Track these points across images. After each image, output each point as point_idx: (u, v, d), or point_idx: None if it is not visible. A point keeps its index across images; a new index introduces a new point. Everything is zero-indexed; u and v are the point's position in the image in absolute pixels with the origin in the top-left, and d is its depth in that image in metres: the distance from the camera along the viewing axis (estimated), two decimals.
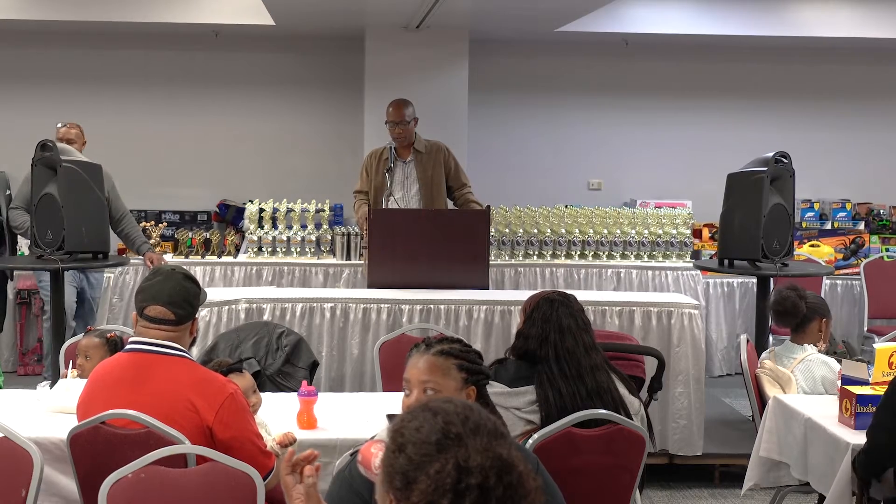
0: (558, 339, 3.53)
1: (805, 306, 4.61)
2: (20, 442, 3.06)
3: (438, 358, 2.80)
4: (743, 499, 5.02)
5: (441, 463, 1.66)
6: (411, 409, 1.80)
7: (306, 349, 4.78)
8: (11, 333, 7.49)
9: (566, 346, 3.53)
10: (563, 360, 3.51)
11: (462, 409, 1.76)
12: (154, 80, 8.76)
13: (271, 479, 3.15)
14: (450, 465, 1.66)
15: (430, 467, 1.66)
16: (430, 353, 2.81)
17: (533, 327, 3.59)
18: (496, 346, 5.31)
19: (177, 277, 3.29)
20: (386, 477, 1.73)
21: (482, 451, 1.68)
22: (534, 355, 3.56)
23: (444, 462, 1.66)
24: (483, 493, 1.63)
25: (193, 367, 3.22)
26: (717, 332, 7.67)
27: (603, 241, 7.11)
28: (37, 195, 5.40)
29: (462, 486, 1.64)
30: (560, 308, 3.60)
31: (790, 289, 4.73)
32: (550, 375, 3.50)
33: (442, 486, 1.64)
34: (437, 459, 1.67)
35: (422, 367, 2.79)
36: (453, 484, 1.64)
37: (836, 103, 9.18)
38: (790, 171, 5.82)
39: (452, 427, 1.71)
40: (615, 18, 8.24)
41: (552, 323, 3.56)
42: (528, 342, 3.59)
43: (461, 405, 1.78)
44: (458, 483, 1.64)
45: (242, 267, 6.89)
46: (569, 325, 3.57)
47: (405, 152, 6.38)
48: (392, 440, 1.75)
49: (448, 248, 5.71)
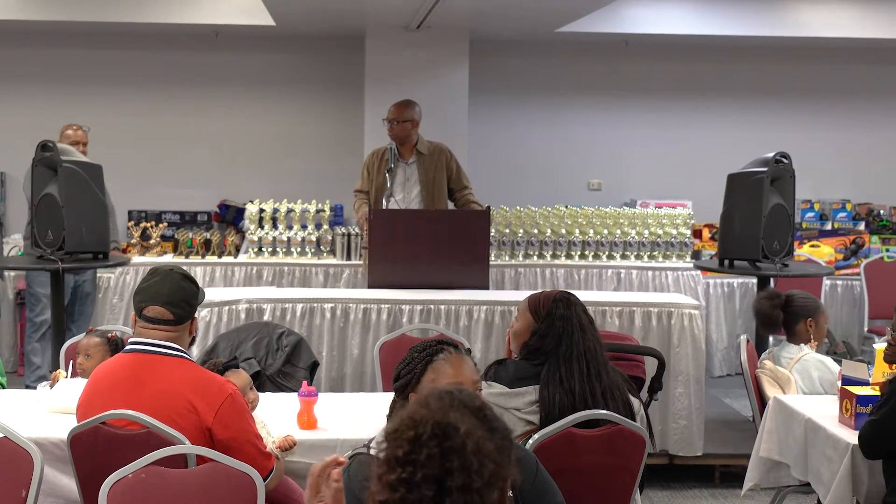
0: (581, 337, 3.53)
1: (782, 312, 4.63)
2: (20, 442, 3.06)
3: (469, 358, 2.92)
4: (743, 499, 5.02)
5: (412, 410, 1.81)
6: (415, 407, 1.87)
7: (306, 349, 4.78)
8: (11, 334, 7.49)
9: (588, 344, 3.52)
10: (583, 359, 3.50)
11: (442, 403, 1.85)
12: (154, 80, 8.76)
13: (271, 480, 3.14)
14: (416, 414, 1.78)
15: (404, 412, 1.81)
16: (463, 354, 2.91)
17: (551, 326, 3.56)
18: (496, 347, 5.31)
19: (175, 277, 3.28)
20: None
21: (438, 412, 1.78)
22: (545, 355, 3.54)
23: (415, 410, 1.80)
24: (413, 443, 1.73)
25: (192, 368, 3.22)
26: (718, 332, 7.67)
27: (603, 241, 7.11)
28: (37, 195, 5.40)
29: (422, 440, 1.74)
30: (577, 307, 3.60)
31: (765, 297, 4.76)
32: (566, 374, 3.47)
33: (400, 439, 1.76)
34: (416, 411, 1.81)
35: (471, 369, 2.88)
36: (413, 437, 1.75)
37: (837, 103, 9.18)
38: (790, 172, 5.83)
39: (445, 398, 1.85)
40: (615, 19, 8.24)
41: (574, 322, 3.55)
42: (544, 341, 3.56)
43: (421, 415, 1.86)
44: (417, 437, 1.75)
45: (243, 267, 6.89)
46: (587, 322, 3.57)
47: (407, 153, 6.36)
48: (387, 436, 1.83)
49: (448, 248, 5.70)
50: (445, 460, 1.71)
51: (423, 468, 1.71)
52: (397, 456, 1.73)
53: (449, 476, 1.71)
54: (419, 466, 1.71)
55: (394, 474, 1.73)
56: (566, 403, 3.42)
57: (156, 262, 6.90)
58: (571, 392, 3.45)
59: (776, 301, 4.66)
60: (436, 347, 2.89)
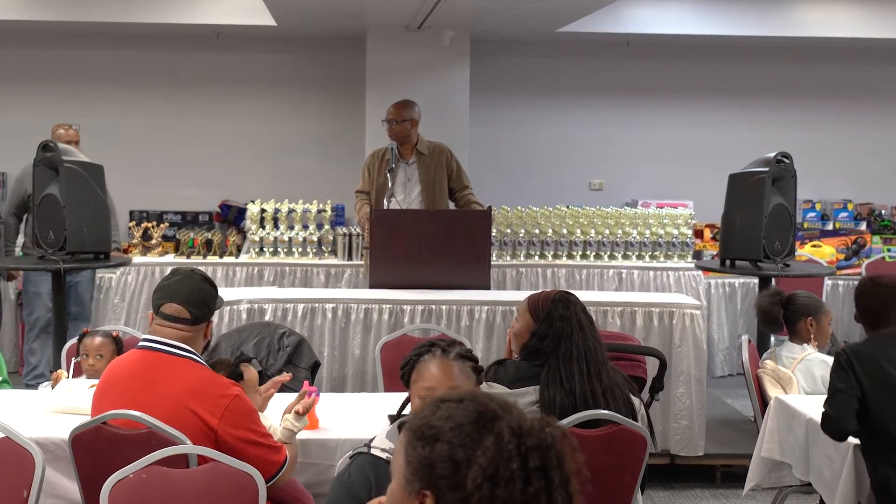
0: (580, 338, 3.52)
1: (783, 310, 4.63)
2: (22, 442, 3.06)
3: (458, 362, 2.80)
4: (744, 499, 5.02)
5: (494, 435, 1.67)
6: (425, 406, 1.78)
7: (308, 349, 4.78)
8: (13, 334, 7.49)
9: (588, 344, 3.51)
10: (583, 359, 3.49)
11: (480, 394, 1.77)
12: (155, 80, 8.76)
13: (284, 473, 3.15)
14: (505, 434, 1.67)
15: (482, 443, 1.67)
16: (449, 358, 2.81)
17: (550, 327, 3.55)
18: (498, 347, 5.31)
19: (195, 278, 3.30)
20: (419, 471, 1.70)
21: (525, 417, 1.70)
22: (545, 355, 3.53)
23: (498, 433, 1.67)
24: (543, 454, 1.66)
25: (201, 370, 3.21)
26: (719, 332, 7.67)
27: (604, 241, 7.10)
28: (38, 195, 5.40)
29: (524, 450, 1.65)
30: (576, 307, 3.59)
31: (767, 295, 4.76)
32: (567, 375, 3.46)
33: (506, 452, 1.65)
34: (485, 435, 1.67)
35: (448, 372, 2.77)
36: (517, 448, 1.65)
37: (838, 103, 9.18)
38: (792, 172, 5.82)
39: (486, 407, 1.72)
40: (616, 19, 8.24)
41: (573, 322, 3.54)
42: (543, 342, 3.55)
43: (475, 392, 1.79)
44: (520, 447, 1.65)
45: (244, 267, 6.89)
46: (586, 322, 3.56)
47: (407, 153, 6.35)
48: (417, 436, 1.72)
49: (449, 248, 5.70)
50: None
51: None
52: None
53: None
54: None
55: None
56: (567, 404, 3.42)
57: (157, 262, 6.90)
58: (572, 393, 3.44)
59: (777, 298, 4.67)
60: (424, 349, 2.88)
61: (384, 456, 2.63)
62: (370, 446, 2.69)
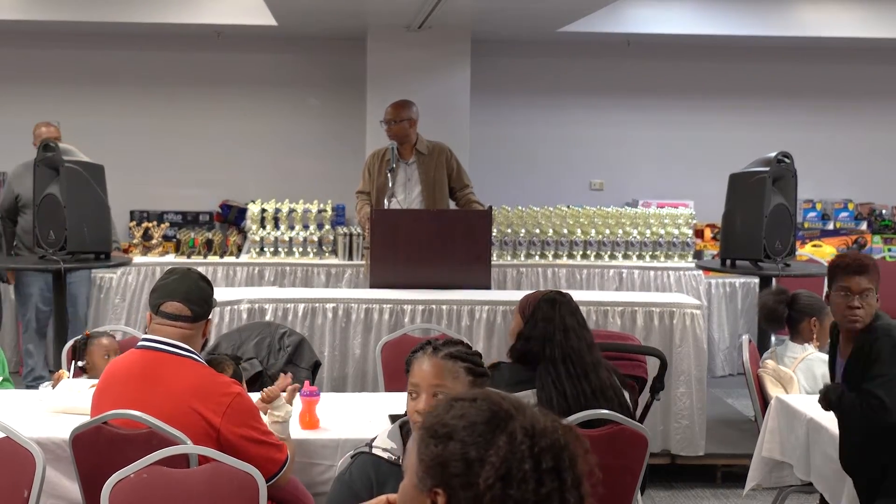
0: (563, 339, 3.52)
1: (787, 309, 4.63)
2: (22, 442, 3.06)
3: (447, 361, 2.74)
4: (745, 499, 5.01)
5: (507, 435, 1.66)
6: (439, 406, 1.77)
7: (308, 349, 4.78)
8: (13, 334, 7.49)
9: (571, 345, 3.51)
10: (568, 361, 3.49)
11: (493, 394, 1.77)
12: (156, 80, 8.77)
13: (286, 472, 3.16)
14: (518, 434, 1.66)
15: (495, 442, 1.66)
16: (438, 356, 2.75)
17: (535, 329, 3.56)
18: (498, 347, 5.31)
19: (193, 277, 3.31)
20: (431, 469, 1.69)
21: (539, 418, 1.69)
22: (535, 357, 3.54)
23: (511, 433, 1.66)
24: (556, 455, 1.65)
25: (201, 369, 3.22)
26: (720, 332, 7.66)
27: (605, 241, 7.10)
28: (39, 195, 5.40)
29: (537, 450, 1.65)
30: (562, 307, 3.58)
31: (770, 293, 4.76)
32: (556, 377, 3.47)
33: (518, 452, 1.64)
34: (498, 434, 1.66)
35: (432, 370, 2.73)
36: (530, 448, 1.65)
37: (838, 103, 9.19)
38: (792, 171, 5.82)
39: (499, 406, 1.71)
40: (617, 19, 8.24)
41: (556, 323, 3.54)
42: (529, 344, 3.56)
43: (488, 392, 1.78)
44: (532, 447, 1.65)
45: (245, 267, 6.89)
46: (572, 324, 3.56)
47: (407, 153, 6.35)
48: (431, 434, 1.71)
49: (450, 248, 5.70)
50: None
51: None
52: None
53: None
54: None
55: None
56: (563, 406, 3.42)
57: (157, 262, 6.91)
58: (564, 394, 3.45)
59: (781, 297, 4.67)
60: (420, 347, 2.87)
61: (385, 456, 2.63)
62: (371, 446, 2.68)
